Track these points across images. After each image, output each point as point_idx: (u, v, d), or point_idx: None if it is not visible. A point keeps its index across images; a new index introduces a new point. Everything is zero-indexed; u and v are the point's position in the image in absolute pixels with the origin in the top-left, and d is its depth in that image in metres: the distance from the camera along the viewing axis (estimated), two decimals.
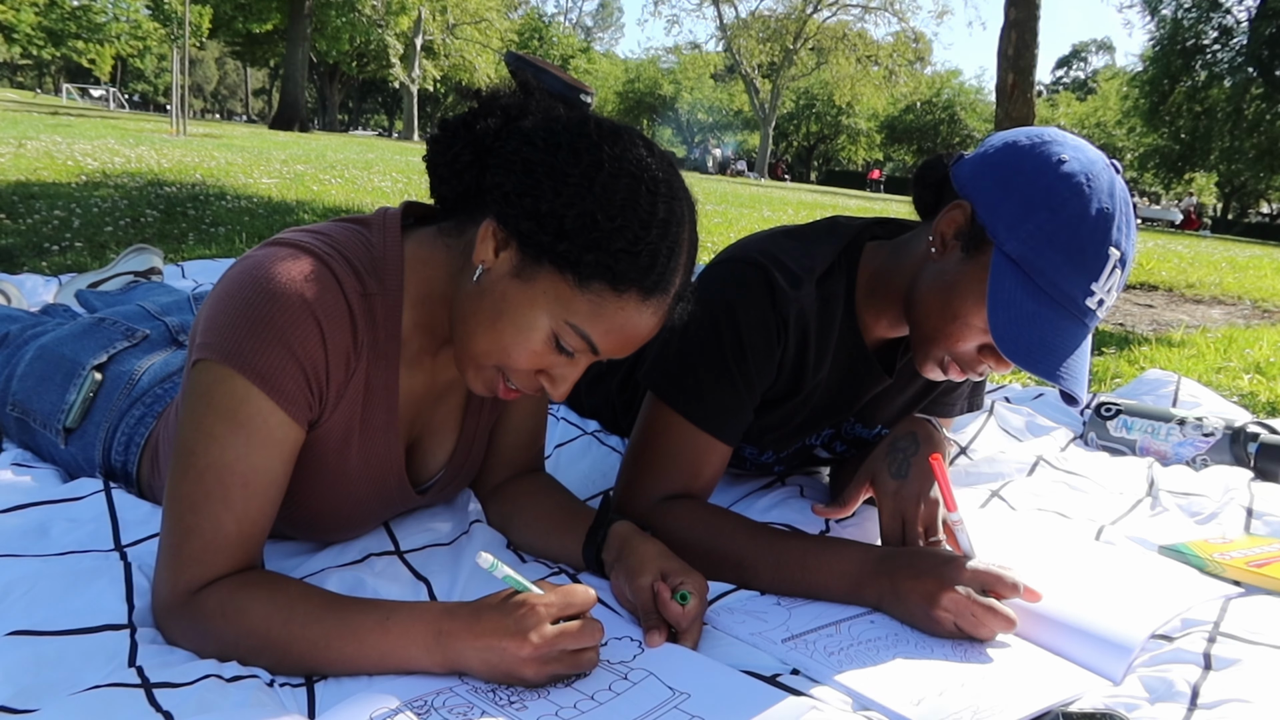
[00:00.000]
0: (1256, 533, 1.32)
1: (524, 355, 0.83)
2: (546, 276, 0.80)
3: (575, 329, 0.81)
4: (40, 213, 3.54)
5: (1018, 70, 4.93)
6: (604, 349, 0.83)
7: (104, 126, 11.69)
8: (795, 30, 32.22)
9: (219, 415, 0.80)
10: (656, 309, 0.82)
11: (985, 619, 0.92)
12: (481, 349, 0.84)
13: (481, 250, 0.83)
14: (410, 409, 0.97)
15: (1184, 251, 8.75)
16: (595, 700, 0.79)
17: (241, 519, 0.81)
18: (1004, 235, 0.95)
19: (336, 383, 0.86)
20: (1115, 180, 0.96)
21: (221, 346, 0.80)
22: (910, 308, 1.07)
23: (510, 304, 0.82)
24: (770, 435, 1.24)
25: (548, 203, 0.78)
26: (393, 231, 0.89)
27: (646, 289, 0.80)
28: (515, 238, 0.80)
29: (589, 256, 0.78)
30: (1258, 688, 0.84)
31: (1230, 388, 2.45)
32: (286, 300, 0.80)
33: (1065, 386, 0.93)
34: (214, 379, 0.80)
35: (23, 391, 1.20)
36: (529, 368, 0.84)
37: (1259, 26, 24.10)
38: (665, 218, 0.80)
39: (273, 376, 0.80)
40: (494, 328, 0.83)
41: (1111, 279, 0.94)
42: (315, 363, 0.82)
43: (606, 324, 0.80)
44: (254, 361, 0.79)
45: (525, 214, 0.79)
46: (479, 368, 0.87)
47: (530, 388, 0.87)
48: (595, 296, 0.79)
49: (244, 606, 0.80)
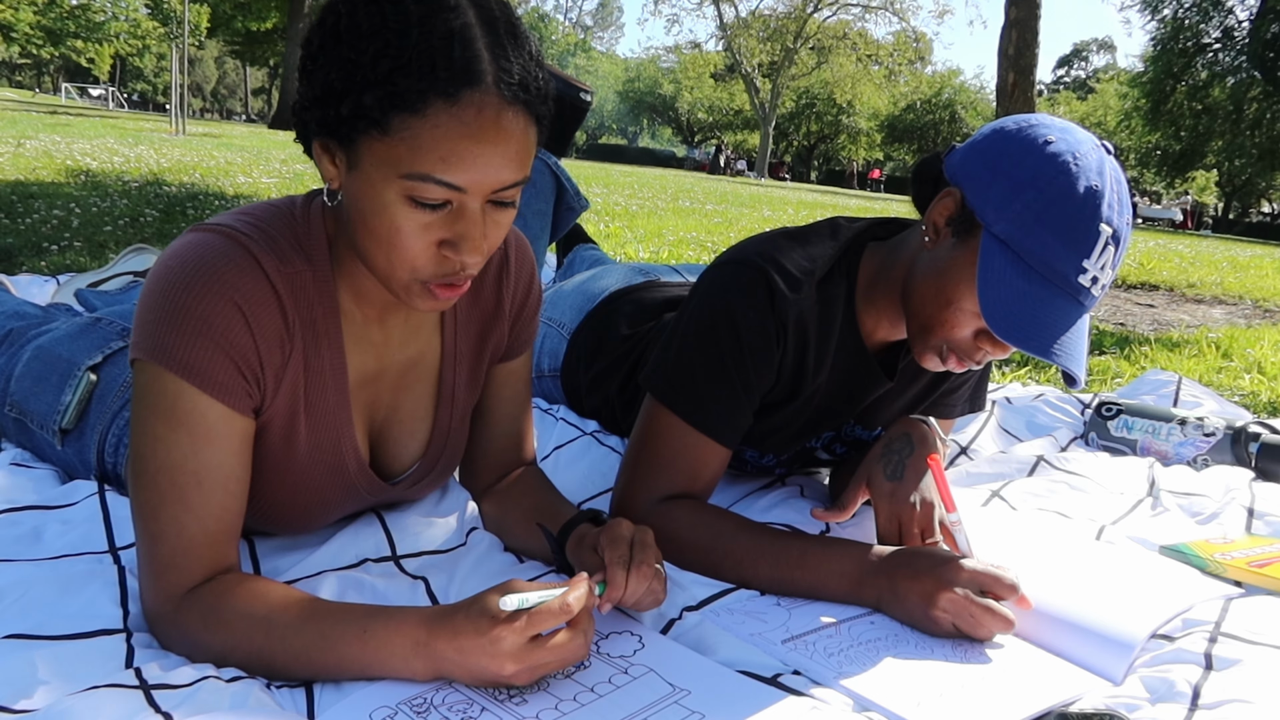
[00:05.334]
0: (1258, 533, 1.31)
1: (403, 243, 0.76)
2: (364, 151, 0.74)
3: (414, 176, 0.73)
4: (39, 212, 3.53)
5: (1018, 69, 4.93)
6: (463, 180, 0.73)
7: (103, 126, 11.68)
8: (795, 29, 32.22)
9: (158, 416, 0.78)
10: (481, 106, 0.72)
11: (983, 619, 0.91)
12: (377, 262, 0.79)
13: (324, 172, 0.79)
14: (366, 391, 0.93)
15: (1185, 251, 8.75)
16: (595, 693, 0.79)
17: (203, 518, 0.80)
18: (992, 217, 0.95)
19: (272, 367, 0.83)
20: (1105, 159, 0.96)
21: (147, 345, 0.78)
22: (906, 299, 1.07)
23: (362, 200, 0.76)
24: (771, 438, 1.23)
25: (318, 82, 0.74)
26: (315, 205, 0.86)
27: (447, 92, 0.71)
28: (331, 138, 0.76)
29: (369, 99, 0.71)
30: (1259, 688, 0.84)
31: (1231, 387, 2.44)
32: (202, 288, 0.77)
33: (1060, 363, 0.93)
34: (147, 379, 0.79)
35: (20, 392, 1.20)
36: (423, 252, 0.77)
37: (1260, 26, 24.09)
38: (422, 14, 0.71)
39: (201, 369, 0.78)
40: (371, 235, 0.77)
41: (1104, 256, 0.94)
42: (243, 349, 0.79)
43: (435, 151, 0.72)
44: (180, 356, 0.77)
45: (315, 106, 0.75)
46: (398, 285, 0.80)
47: (446, 269, 0.79)
48: (405, 133, 0.71)
49: (226, 620, 0.78)
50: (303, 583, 0.93)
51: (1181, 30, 25.76)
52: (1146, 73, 27.21)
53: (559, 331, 1.62)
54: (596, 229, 5.15)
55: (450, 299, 0.82)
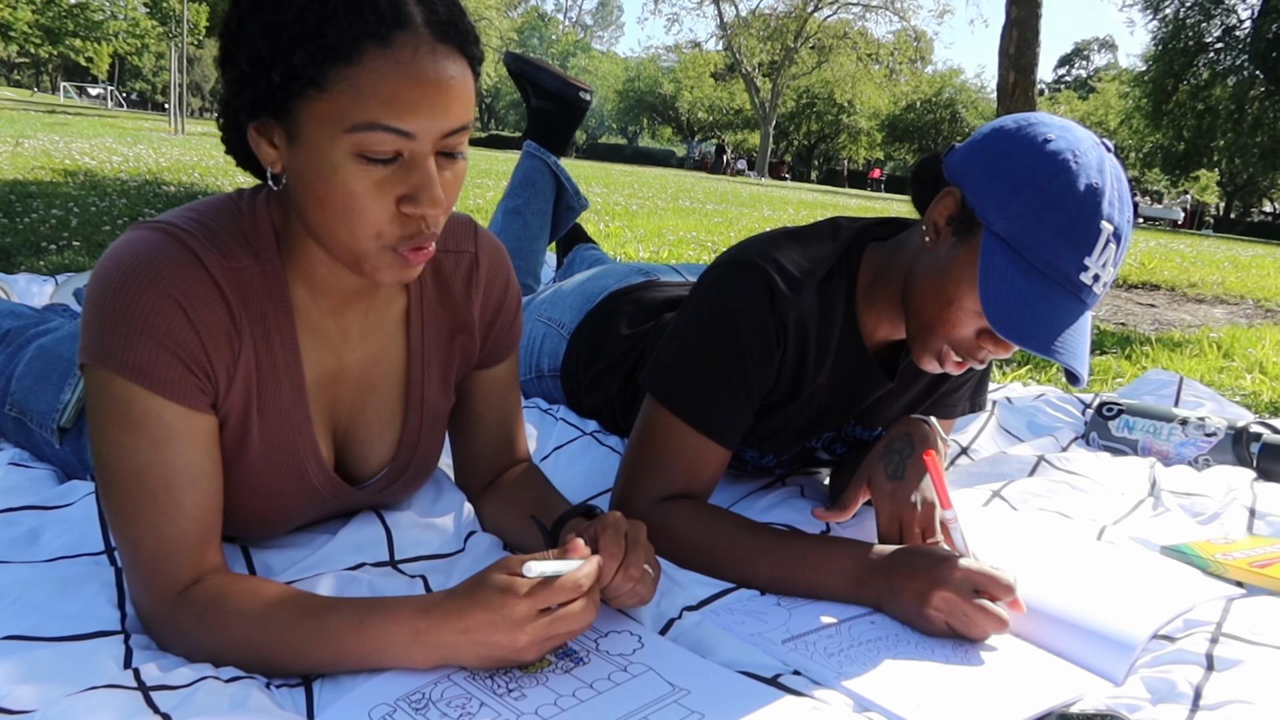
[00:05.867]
0: (1259, 533, 1.31)
1: (360, 206, 0.74)
2: (304, 116, 0.72)
3: (360, 127, 0.71)
4: (38, 212, 3.53)
5: (1019, 69, 4.92)
6: (410, 124, 0.72)
7: (102, 125, 11.68)
8: (796, 29, 32.23)
9: (115, 422, 0.77)
10: (415, 46, 0.71)
11: (977, 618, 0.91)
12: (338, 236, 0.76)
13: (263, 157, 0.77)
14: (326, 390, 0.91)
15: (1186, 251, 8.74)
16: (594, 689, 0.79)
17: (178, 519, 0.79)
18: (993, 216, 0.95)
19: (222, 363, 0.81)
20: (1105, 157, 0.96)
21: (93, 349, 0.76)
22: (906, 299, 1.07)
23: (310, 170, 0.74)
24: (771, 439, 1.23)
25: (244, 57, 0.72)
26: (260, 198, 0.84)
27: (379, 35, 0.70)
28: (267, 116, 0.75)
29: (300, 57, 0.70)
30: (1260, 689, 0.84)
31: (1233, 387, 2.44)
32: (140, 287, 0.75)
33: (1063, 361, 0.92)
34: (98, 385, 0.77)
35: (20, 391, 1.20)
36: (382, 211, 0.75)
37: (1262, 26, 24.08)
38: None
39: (148, 371, 0.76)
40: (325, 206, 0.75)
41: (1106, 253, 0.94)
42: (188, 346, 0.77)
43: (377, 96, 0.70)
44: (125, 359, 0.75)
45: (245, 85, 0.74)
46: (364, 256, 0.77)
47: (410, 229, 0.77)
48: (343, 84, 0.70)
49: (222, 620, 0.78)
50: (300, 584, 0.92)
51: (1183, 29, 25.75)
52: (1148, 72, 27.21)
53: (559, 331, 1.61)
54: (596, 229, 5.15)
55: (418, 264, 0.79)
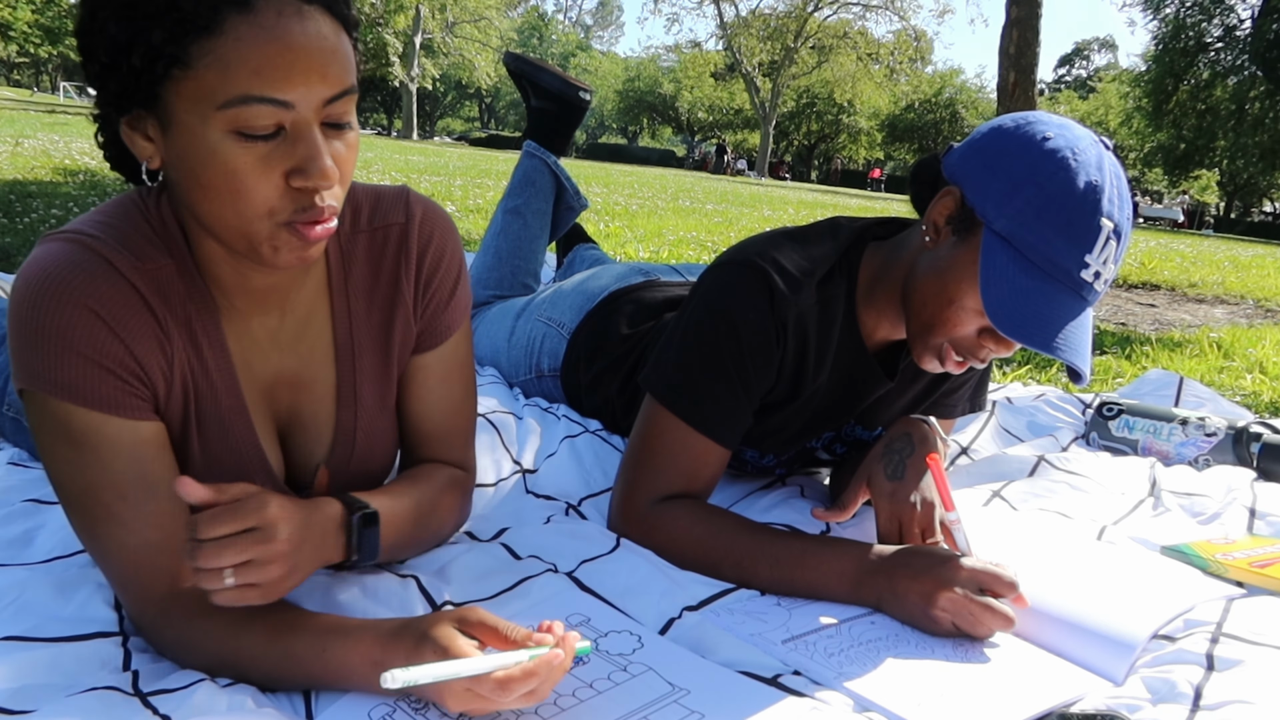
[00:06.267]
0: (1259, 533, 1.31)
1: (246, 185, 0.69)
2: (173, 100, 0.68)
3: (233, 102, 0.66)
4: (37, 212, 3.53)
5: (1019, 68, 4.92)
6: (285, 92, 0.67)
7: None
8: (796, 28, 32.21)
9: (58, 440, 0.75)
10: (279, 8, 0.67)
11: (983, 617, 0.91)
12: (228, 221, 0.71)
13: (138, 152, 0.73)
14: (265, 392, 0.87)
15: (1186, 251, 8.74)
16: (594, 689, 0.79)
17: (139, 530, 0.76)
18: (993, 214, 0.95)
19: (156, 367, 0.78)
20: (1104, 155, 0.96)
21: (23, 373, 0.74)
22: (907, 299, 1.07)
23: (189, 157, 0.69)
24: (771, 439, 1.23)
25: (101, 46, 0.68)
26: (163, 197, 0.80)
27: (239, 1, 0.66)
28: (137, 107, 0.70)
29: (158, 35, 0.65)
30: (1261, 689, 0.84)
31: (1233, 387, 2.44)
32: (53, 303, 0.72)
33: (1065, 358, 0.92)
34: (37, 407, 0.75)
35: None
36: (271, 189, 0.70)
37: (1262, 25, 24.07)
38: None
39: (77, 388, 0.73)
40: (210, 192, 0.70)
41: (1106, 250, 0.94)
42: (114, 356, 0.74)
43: (245, 66, 0.66)
44: (54, 378, 0.73)
45: (107, 76, 0.70)
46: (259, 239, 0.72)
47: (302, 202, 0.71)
48: (208, 58, 0.65)
49: (197, 641, 0.77)
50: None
51: (1183, 29, 25.74)
52: (1148, 72, 27.20)
53: (559, 331, 1.61)
54: (596, 229, 5.15)
55: (320, 239, 0.74)
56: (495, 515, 1.18)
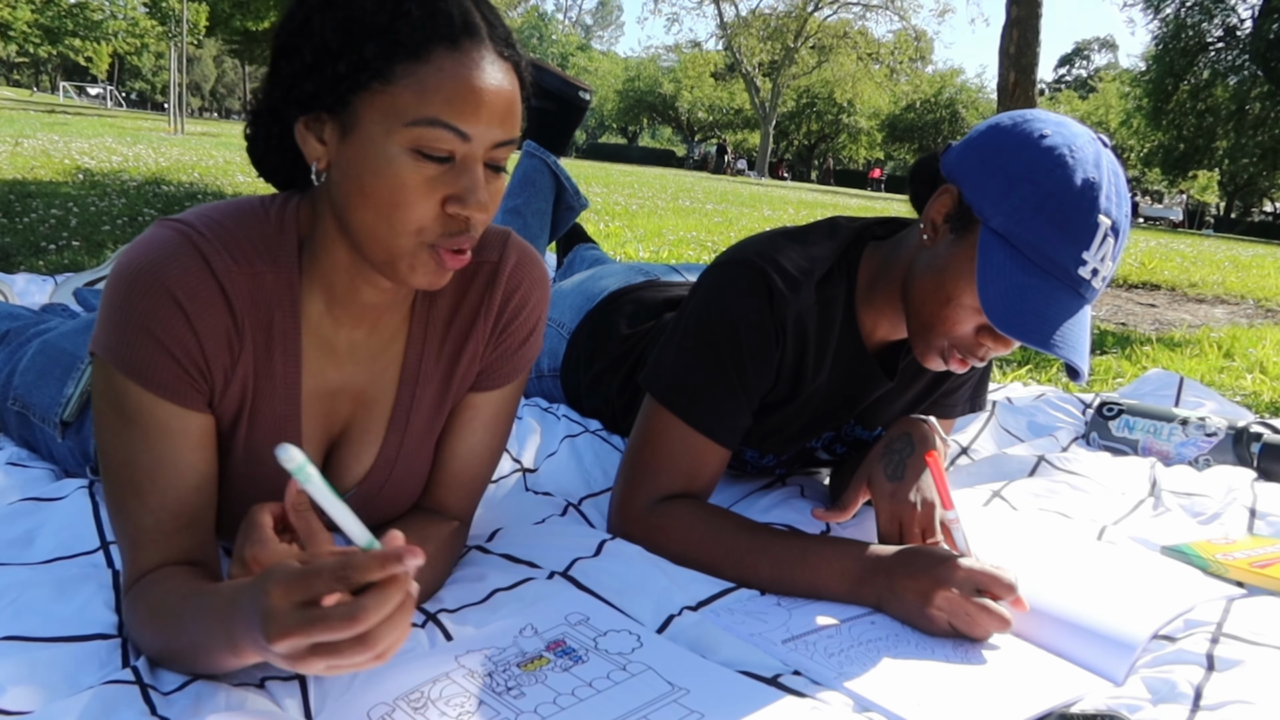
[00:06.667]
0: (1259, 533, 1.31)
1: (408, 200, 0.74)
2: (363, 109, 0.73)
3: (421, 121, 0.72)
4: (37, 212, 3.53)
5: (1019, 68, 4.92)
6: (468, 126, 0.73)
7: (101, 125, 11.68)
8: (796, 28, 32.22)
9: (114, 412, 0.79)
10: (480, 55, 0.74)
11: (979, 618, 0.91)
12: (378, 232, 0.76)
13: (309, 152, 0.77)
14: (324, 403, 0.89)
15: (1186, 250, 8.74)
16: (593, 688, 0.79)
17: (155, 509, 0.79)
18: (990, 211, 0.95)
19: (220, 366, 0.81)
20: (1101, 152, 0.96)
21: (100, 342, 0.78)
22: (906, 298, 1.07)
23: (361, 164, 0.74)
24: (771, 438, 1.23)
25: (308, 49, 0.74)
26: (290, 206, 0.83)
27: (450, 39, 0.73)
28: (320, 109, 0.75)
29: (370, 49, 0.72)
30: (1261, 689, 0.84)
31: (1233, 387, 2.44)
32: (145, 286, 0.76)
33: (1062, 355, 0.92)
34: (102, 376, 0.79)
35: (23, 385, 1.20)
36: (428, 209, 0.75)
37: (1262, 25, 24.07)
38: None
39: (144, 369, 0.77)
40: (370, 200, 0.74)
41: (1104, 247, 0.93)
42: (186, 348, 0.77)
43: (441, 93, 0.72)
44: (125, 355, 0.77)
45: (304, 77, 0.74)
46: (401, 254, 0.77)
47: (452, 228, 0.77)
48: (409, 80, 0.72)
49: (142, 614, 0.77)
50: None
51: (1183, 29, 25.74)
52: (1148, 72, 27.19)
53: (559, 331, 1.61)
54: (596, 229, 5.15)
55: (452, 268, 0.79)
56: (493, 515, 1.17)
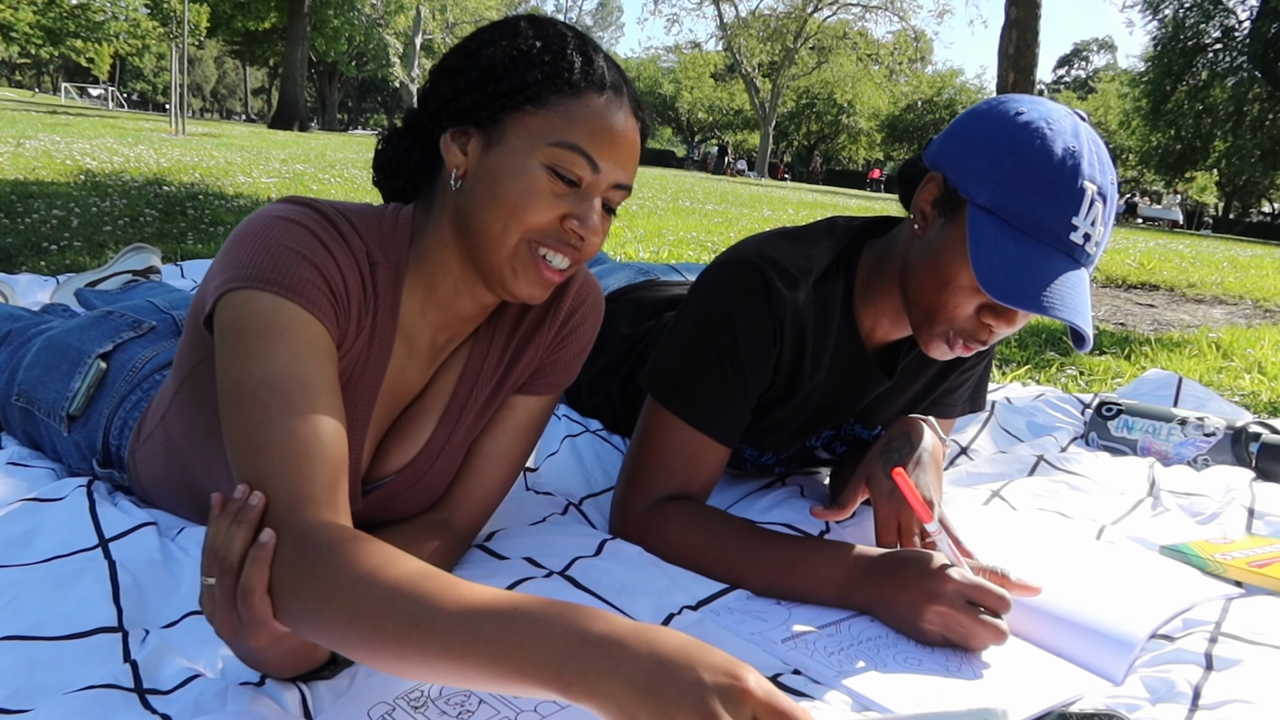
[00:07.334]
0: (1258, 533, 1.31)
1: (533, 206, 0.82)
2: (512, 126, 0.83)
3: (563, 144, 0.82)
4: (38, 212, 3.53)
5: (1019, 69, 4.93)
6: (599, 155, 0.83)
7: (102, 126, 11.69)
8: (796, 29, 32.21)
9: (255, 334, 0.75)
10: (621, 106, 0.85)
11: (974, 631, 0.89)
12: (493, 230, 0.83)
13: (451, 159, 0.85)
14: (390, 395, 0.93)
15: (1185, 251, 8.74)
16: None
17: (315, 424, 0.72)
18: (975, 190, 0.96)
19: (353, 313, 0.84)
20: (1080, 125, 0.97)
21: (242, 275, 0.77)
22: (905, 290, 1.07)
23: (499, 170, 0.82)
24: (770, 437, 1.23)
25: (477, 67, 0.84)
26: (404, 213, 0.90)
27: (599, 88, 0.84)
28: (469, 122, 0.84)
29: (533, 75, 0.82)
30: (1259, 688, 0.84)
31: (1232, 387, 2.44)
32: (298, 236, 0.80)
33: (1063, 318, 0.91)
34: (240, 303, 0.77)
35: (29, 381, 1.20)
36: (548, 218, 0.83)
37: (1260, 26, 24.09)
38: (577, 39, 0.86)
39: (299, 286, 0.78)
40: (498, 201, 0.82)
41: (1093, 212, 0.94)
42: (335, 278, 0.81)
43: (585, 125, 0.82)
44: (276, 278, 0.77)
45: (464, 93, 0.84)
46: (507, 254, 0.84)
47: (562, 236, 0.84)
48: (560, 108, 0.82)
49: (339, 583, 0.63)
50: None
51: (1182, 30, 25.76)
52: (1147, 73, 27.22)
53: None
54: None
55: (552, 282, 0.86)
56: (493, 515, 1.17)
